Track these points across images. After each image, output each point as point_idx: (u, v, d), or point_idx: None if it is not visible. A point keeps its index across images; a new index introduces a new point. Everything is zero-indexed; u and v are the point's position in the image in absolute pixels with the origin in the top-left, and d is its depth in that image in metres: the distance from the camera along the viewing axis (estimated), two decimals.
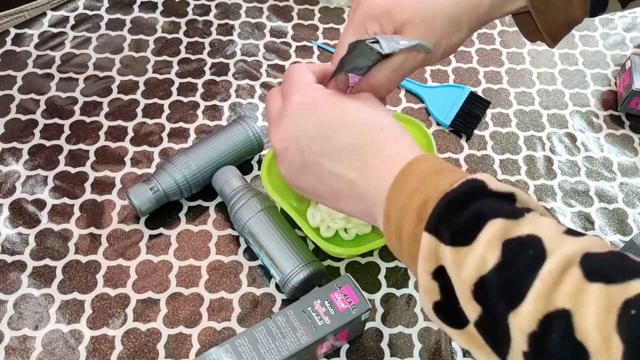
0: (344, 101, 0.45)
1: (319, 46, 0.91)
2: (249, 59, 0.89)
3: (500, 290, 0.34)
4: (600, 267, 0.32)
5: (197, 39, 0.91)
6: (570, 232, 0.35)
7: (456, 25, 0.50)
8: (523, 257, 0.34)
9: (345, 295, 0.60)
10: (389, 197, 0.41)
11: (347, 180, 0.44)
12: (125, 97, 0.84)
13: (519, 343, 0.34)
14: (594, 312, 0.31)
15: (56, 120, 0.81)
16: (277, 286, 0.68)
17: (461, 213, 0.37)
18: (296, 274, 0.64)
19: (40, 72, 0.85)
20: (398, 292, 0.69)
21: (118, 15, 0.93)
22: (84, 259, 0.69)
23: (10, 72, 0.85)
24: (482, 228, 0.36)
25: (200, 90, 0.85)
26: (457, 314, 0.38)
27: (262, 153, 0.79)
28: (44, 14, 0.92)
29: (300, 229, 0.69)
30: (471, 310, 0.36)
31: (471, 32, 0.52)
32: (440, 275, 0.38)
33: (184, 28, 0.92)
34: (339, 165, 0.44)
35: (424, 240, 0.38)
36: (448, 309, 0.39)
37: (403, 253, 0.42)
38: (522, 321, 0.33)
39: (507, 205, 0.38)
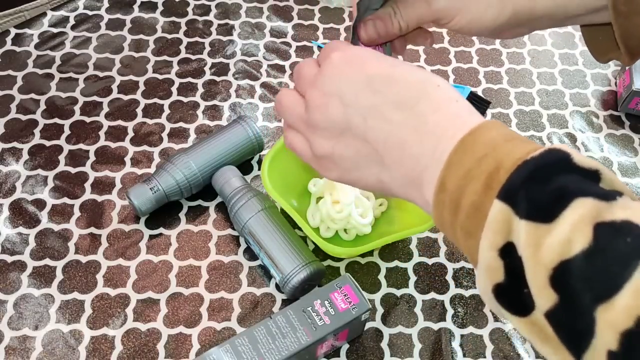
0: (392, 59, 0.41)
1: (318, 46, 0.91)
2: (249, 59, 0.89)
3: (588, 279, 0.30)
4: None
5: (197, 39, 0.91)
6: None
7: (500, 1, 0.45)
8: (619, 245, 0.30)
9: (345, 296, 0.60)
10: (450, 161, 0.36)
11: (397, 140, 0.39)
12: (125, 97, 0.84)
13: (606, 340, 0.30)
14: None
15: (56, 120, 0.81)
16: (277, 286, 0.68)
17: (543, 185, 0.32)
18: (296, 273, 0.64)
19: (40, 72, 0.85)
20: (398, 292, 0.69)
21: (118, 15, 0.93)
22: (84, 259, 0.69)
23: (10, 72, 0.85)
24: (567, 206, 0.31)
25: (200, 90, 0.85)
26: (522, 299, 0.34)
27: (262, 153, 0.79)
28: (44, 14, 0.92)
29: (300, 229, 0.69)
30: (545, 297, 0.32)
31: (516, 19, 0.46)
32: (507, 253, 0.34)
33: (184, 28, 0.92)
34: (390, 122, 0.39)
35: (495, 209, 0.33)
36: (511, 293, 0.34)
37: (457, 227, 0.37)
38: (616, 316, 0.29)
39: (594, 185, 0.33)
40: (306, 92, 0.42)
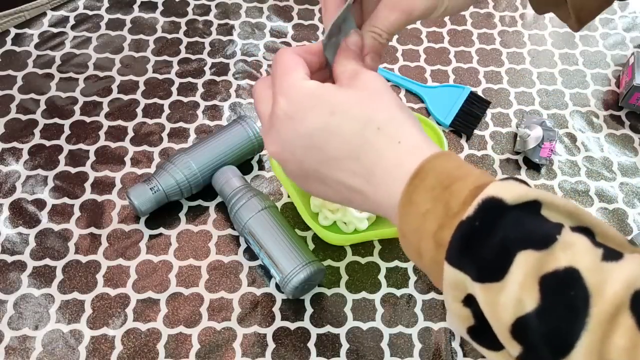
0: (334, 100, 0.40)
1: None
2: (249, 59, 0.89)
3: (544, 336, 0.32)
4: None
5: (197, 39, 0.91)
6: (608, 255, 0.32)
7: None
8: (565, 300, 0.31)
9: None
10: (401, 215, 0.38)
11: (355, 189, 0.41)
12: (125, 97, 0.84)
13: None
14: None
15: (56, 120, 0.81)
16: (277, 286, 0.68)
17: (484, 244, 0.34)
18: (296, 273, 0.64)
19: (40, 72, 0.85)
20: (398, 292, 0.69)
21: (118, 15, 0.93)
22: (84, 259, 0.69)
23: (10, 72, 0.85)
24: (511, 261, 0.33)
25: (200, 90, 0.85)
26: (496, 337, 0.35)
27: (262, 153, 0.79)
28: (44, 14, 0.92)
29: (300, 228, 0.69)
30: (511, 347, 0.34)
31: None
32: (471, 302, 0.35)
33: (184, 28, 0.92)
34: (342, 174, 0.40)
35: (448, 272, 0.35)
36: (485, 333, 0.36)
37: (426, 270, 0.39)
38: None
39: (533, 223, 0.34)
40: (263, 138, 0.44)
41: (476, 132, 0.83)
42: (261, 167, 0.78)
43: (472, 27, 0.96)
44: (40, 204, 0.73)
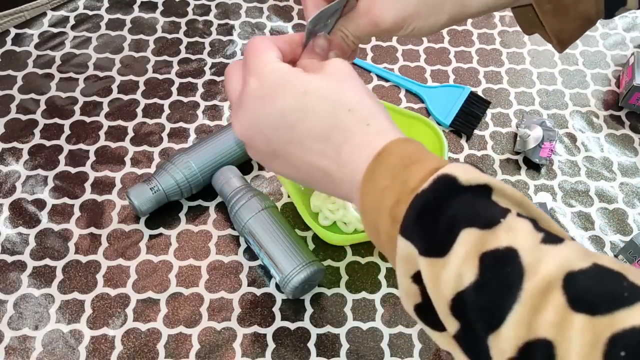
0: (306, 82, 0.41)
1: None
2: None
3: (479, 310, 0.33)
4: (584, 293, 0.31)
5: (197, 39, 0.91)
6: (548, 239, 0.33)
7: (436, 7, 0.47)
8: (501, 276, 0.32)
9: None
10: (362, 192, 0.39)
11: (320, 169, 0.42)
12: (125, 97, 0.84)
13: None
14: (578, 348, 0.29)
15: (56, 120, 0.81)
16: (277, 286, 0.68)
17: (434, 219, 0.35)
18: (296, 273, 0.64)
19: (40, 72, 0.85)
20: (398, 292, 0.69)
21: (118, 15, 0.93)
22: (84, 259, 0.69)
23: (10, 72, 0.85)
24: (456, 238, 0.34)
25: (200, 90, 0.85)
26: (439, 317, 0.37)
27: None
28: (44, 14, 0.92)
29: (300, 228, 0.69)
30: (449, 324, 0.35)
31: (453, 21, 0.48)
32: (420, 279, 0.36)
33: (184, 28, 0.92)
34: (310, 154, 0.41)
35: (400, 245, 0.36)
36: (430, 311, 0.37)
37: (383, 249, 0.40)
38: (502, 345, 0.32)
39: (483, 205, 0.35)
40: (232, 116, 0.44)
41: (476, 132, 0.83)
42: (261, 167, 0.78)
43: (472, 27, 0.96)
44: (40, 204, 0.73)
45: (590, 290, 0.31)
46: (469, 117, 0.84)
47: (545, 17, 0.48)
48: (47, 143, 0.78)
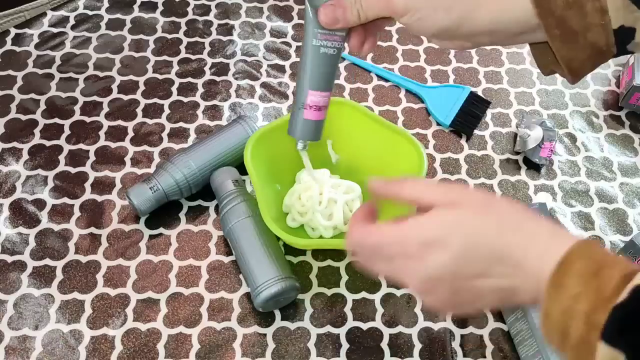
0: (455, 223, 0.43)
1: None
2: (249, 59, 0.89)
3: None
4: None
5: (197, 39, 0.91)
6: None
7: (448, 3, 0.48)
8: None
9: None
10: (549, 295, 0.40)
11: (506, 288, 0.43)
12: (125, 97, 0.84)
13: None
14: None
15: (56, 120, 0.81)
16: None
17: (638, 328, 0.36)
18: (267, 287, 0.63)
19: (40, 72, 0.85)
20: (398, 292, 0.69)
21: (118, 15, 0.93)
22: (84, 259, 0.69)
23: (10, 72, 0.85)
24: None
25: (200, 90, 0.85)
26: None
27: None
28: (44, 14, 0.92)
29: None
30: None
31: (458, 27, 0.49)
32: None
33: (184, 28, 0.92)
34: (492, 280, 0.43)
35: (604, 351, 0.37)
36: None
37: (567, 349, 0.41)
38: None
39: None
40: (412, 290, 0.49)
41: (476, 132, 0.83)
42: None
43: None
44: (40, 204, 0.73)
45: None
46: (469, 117, 0.84)
47: (555, 43, 0.48)
48: (47, 143, 0.78)
